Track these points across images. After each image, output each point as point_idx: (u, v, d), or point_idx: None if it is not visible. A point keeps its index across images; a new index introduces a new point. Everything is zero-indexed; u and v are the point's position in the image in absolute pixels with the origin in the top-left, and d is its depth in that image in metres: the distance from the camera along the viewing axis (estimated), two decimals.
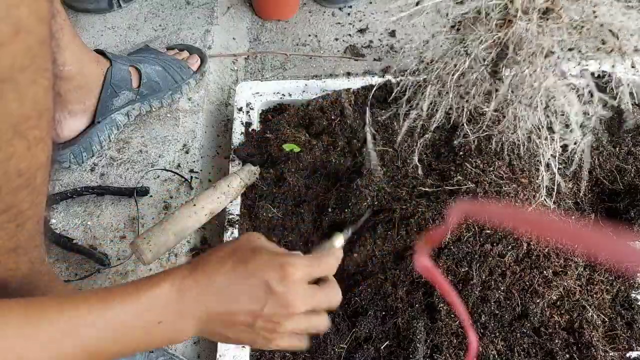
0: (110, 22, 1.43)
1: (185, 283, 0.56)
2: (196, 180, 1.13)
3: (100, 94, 1.11)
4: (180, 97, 1.24)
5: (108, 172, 1.14)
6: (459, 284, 0.86)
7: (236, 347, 0.86)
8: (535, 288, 0.84)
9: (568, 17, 0.67)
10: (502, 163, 0.92)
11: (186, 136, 1.19)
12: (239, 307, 0.56)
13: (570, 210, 0.94)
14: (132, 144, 1.18)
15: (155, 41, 1.37)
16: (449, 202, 0.90)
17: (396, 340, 0.85)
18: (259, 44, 1.44)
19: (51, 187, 0.56)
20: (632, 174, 0.97)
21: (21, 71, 0.45)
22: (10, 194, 0.50)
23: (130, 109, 1.17)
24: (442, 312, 0.84)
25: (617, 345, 0.83)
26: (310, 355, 0.87)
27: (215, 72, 1.32)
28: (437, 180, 0.94)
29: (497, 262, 0.85)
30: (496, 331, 0.84)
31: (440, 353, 0.82)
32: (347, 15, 1.47)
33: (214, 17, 1.42)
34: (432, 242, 0.53)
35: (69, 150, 1.11)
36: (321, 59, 1.37)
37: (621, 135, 1.02)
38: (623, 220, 0.94)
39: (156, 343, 0.56)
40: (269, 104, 1.19)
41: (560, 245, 0.86)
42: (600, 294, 0.86)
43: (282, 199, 1.00)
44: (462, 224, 0.87)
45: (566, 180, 0.95)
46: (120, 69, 1.13)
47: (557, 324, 0.83)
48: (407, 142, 1.00)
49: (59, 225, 1.07)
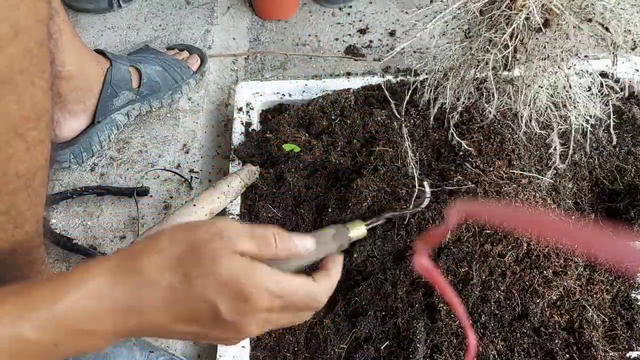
0: (110, 22, 1.43)
1: (104, 291, 0.45)
2: (196, 180, 1.13)
3: (100, 94, 1.11)
4: (180, 97, 1.24)
5: (108, 172, 1.14)
6: (459, 284, 0.85)
7: (236, 347, 0.86)
8: (535, 288, 0.84)
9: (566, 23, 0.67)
10: (502, 163, 0.92)
11: (186, 136, 1.19)
12: (176, 329, 0.47)
13: (570, 210, 0.93)
14: (132, 144, 1.18)
15: (155, 41, 1.37)
16: (449, 202, 0.90)
17: (396, 340, 0.85)
18: (259, 44, 1.44)
19: (51, 187, 0.55)
20: (632, 174, 0.97)
21: (20, 72, 0.45)
22: (9, 195, 0.50)
23: (130, 109, 1.17)
24: (442, 312, 0.84)
25: (617, 345, 0.83)
26: (310, 355, 0.87)
27: (215, 72, 1.32)
28: (437, 180, 0.94)
29: (497, 262, 0.85)
30: (496, 331, 0.83)
31: (440, 353, 0.82)
32: (347, 15, 1.47)
33: (214, 17, 1.42)
34: (432, 242, 0.53)
35: (69, 150, 1.11)
36: (321, 59, 1.37)
37: (621, 135, 1.02)
38: (623, 220, 0.94)
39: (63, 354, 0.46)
40: (269, 104, 1.19)
41: (560, 245, 0.86)
42: (600, 294, 0.86)
43: (282, 199, 1.00)
44: (462, 224, 0.87)
45: (566, 180, 0.95)
46: (120, 69, 1.13)
47: (557, 324, 0.83)
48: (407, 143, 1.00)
49: (59, 225, 1.07)
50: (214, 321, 0.46)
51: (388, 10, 1.46)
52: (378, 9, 1.47)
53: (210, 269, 0.45)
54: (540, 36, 0.70)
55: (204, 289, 0.45)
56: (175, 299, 0.45)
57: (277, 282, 0.47)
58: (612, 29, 0.67)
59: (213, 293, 0.45)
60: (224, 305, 0.45)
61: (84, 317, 0.44)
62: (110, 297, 0.44)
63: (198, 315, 0.46)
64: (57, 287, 0.44)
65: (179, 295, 0.45)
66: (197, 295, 0.45)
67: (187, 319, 0.46)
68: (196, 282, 0.44)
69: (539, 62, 0.71)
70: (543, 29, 0.70)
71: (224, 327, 0.46)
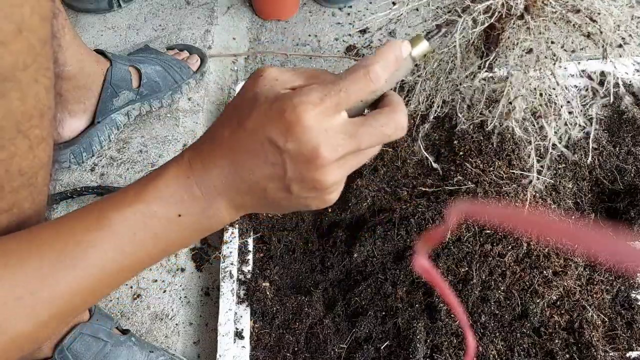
0: (110, 22, 1.43)
1: (192, 165, 0.47)
2: None
3: (100, 94, 1.11)
4: (180, 97, 1.24)
5: (108, 172, 1.14)
6: (459, 284, 0.86)
7: (236, 347, 0.86)
8: (535, 288, 0.84)
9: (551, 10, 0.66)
10: (502, 163, 0.92)
11: (186, 136, 1.19)
12: (258, 177, 0.46)
13: (570, 210, 0.94)
14: (132, 144, 1.18)
15: (155, 41, 1.37)
16: (449, 202, 0.90)
17: (396, 340, 0.85)
18: (259, 44, 1.44)
19: (51, 187, 0.55)
20: (632, 174, 0.98)
21: (23, 70, 0.45)
22: (11, 193, 0.50)
23: (130, 109, 1.17)
24: (442, 312, 0.84)
25: (617, 345, 0.83)
26: (310, 355, 0.87)
27: (215, 72, 1.32)
28: (437, 180, 0.94)
29: (497, 262, 0.85)
30: (496, 331, 0.84)
31: (440, 353, 0.82)
32: (347, 15, 1.47)
33: (214, 17, 1.42)
34: (432, 242, 0.53)
35: (69, 150, 1.11)
36: (321, 59, 1.38)
37: (621, 135, 1.02)
38: (623, 220, 0.94)
39: (190, 237, 0.49)
40: None
41: (560, 245, 0.86)
42: (600, 294, 0.86)
43: None
44: (462, 224, 0.87)
45: (566, 180, 0.95)
46: (120, 69, 1.13)
47: (557, 324, 0.83)
48: (407, 142, 1.00)
49: None
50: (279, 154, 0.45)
51: (388, 11, 1.47)
52: (378, 9, 1.47)
53: (256, 106, 0.45)
54: (523, 24, 0.67)
55: (254, 126, 0.45)
56: (238, 142, 0.46)
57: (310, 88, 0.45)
58: (601, 21, 0.65)
59: (262, 126, 0.45)
60: (273, 131, 0.44)
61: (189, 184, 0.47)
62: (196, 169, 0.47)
63: (262, 151, 0.45)
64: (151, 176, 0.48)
65: (238, 139, 0.46)
66: (252, 133, 0.45)
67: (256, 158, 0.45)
68: (246, 122, 0.45)
69: (521, 58, 0.69)
70: (525, 15, 0.67)
71: (292, 157, 0.44)
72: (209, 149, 0.47)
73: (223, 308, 0.88)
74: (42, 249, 0.44)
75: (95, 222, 0.45)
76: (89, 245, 0.45)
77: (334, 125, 0.44)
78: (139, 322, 0.95)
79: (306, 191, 0.46)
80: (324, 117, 0.44)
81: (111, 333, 0.83)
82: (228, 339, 0.86)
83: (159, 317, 0.96)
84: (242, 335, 0.87)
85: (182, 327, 0.95)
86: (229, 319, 0.88)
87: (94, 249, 0.45)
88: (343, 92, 0.44)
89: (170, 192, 0.47)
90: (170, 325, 0.95)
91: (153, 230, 0.46)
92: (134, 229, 0.46)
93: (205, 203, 0.47)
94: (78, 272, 0.44)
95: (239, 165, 0.46)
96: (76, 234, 0.45)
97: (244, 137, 0.45)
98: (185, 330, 0.95)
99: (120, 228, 0.45)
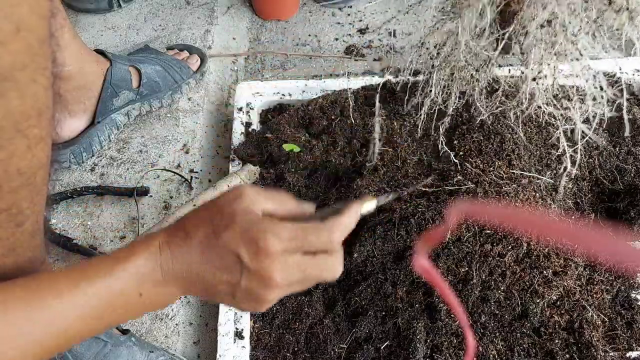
0: (110, 22, 1.43)
1: (162, 252, 0.54)
2: (196, 180, 1.13)
3: (100, 94, 1.11)
4: (180, 97, 1.24)
5: (108, 172, 1.14)
6: (459, 284, 0.86)
7: (236, 346, 0.86)
8: (535, 288, 0.84)
9: None
10: (502, 163, 0.92)
11: (186, 136, 1.19)
12: (216, 279, 0.54)
13: (570, 210, 0.93)
14: (132, 144, 1.18)
15: (155, 41, 1.37)
16: (449, 202, 0.90)
17: (396, 340, 0.85)
18: (259, 44, 1.44)
19: (51, 187, 0.55)
20: (632, 174, 0.97)
21: (22, 69, 0.44)
22: (10, 193, 0.50)
23: (130, 109, 1.17)
24: (442, 312, 0.84)
25: (617, 345, 0.83)
26: (310, 355, 0.87)
27: (215, 72, 1.32)
28: (437, 180, 0.94)
29: (497, 262, 0.85)
30: (496, 331, 0.83)
31: (440, 353, 0.82)
32: (347, 15, 1.47)
33: (214, 17, 1.42)
34: (432, 242, 0.53)
35: (69, 150, 1.11)
36: (321, 59, 1.38)
37: (621, 135, 1.02)
38: (623, 220, 0.94)
39: (141, 312, 0.56)
40: (269, 104, 1.19)
41: (560, 245, 0.86)
42: (600, 294, 0.86)
43: None
44: (462, 224, 0.87)
45: (566, 180, 0.95)
46: (120, 69, 1.13)
47: (557, 324, 0.83)
48: (407, 142, 1.00)
49: (59, 225, 1.06)
50: (240, 269, 0.53)
51: (388, 11, 1.47)
52: (378, 9, 1.47)
53: (232, 223, 0.53)
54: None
55: (228, 240, 0.53)
56: (209, 247, 0.54)
57: (284, 226, 0.54)
58: None
59: (235, 243, 0.53)
60: (243, 251, 0.53)
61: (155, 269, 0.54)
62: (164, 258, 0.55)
63: (227, 262, 0.53)
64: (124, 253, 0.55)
65: (211, 245, 0.54)
66: (224, 245, 0.53)
67: (220, 265, 0.54)
68: (222, 234, 0.53)
69: (540, 51, 0.68)
70: None
71: (250, 275, 0.53)
72: (181, 243, 0.55)
73: (223, 308, 0.89)
74: (16, 304, 0.49)
75: (67, 291, 0.51)
76: (57, 310, 0.50)
77: (291, 261, 0.54)
78: (139, 322, 0.95)
79: (247, 300, 0.56)
80: (286, 253, 0.54)
81: (111, 333, 0.83)
82: (228, 339, 0.86)
83: (159, 317, 0.96)
84: (242, 335, 0.87)
85: (182, 327, 0.95)
86: (229, 319, 0.88)
87: (60, 315, 0.50)
88: (306, 241, 0.55)
89: (140, 274, 0.54)
90: (170, 325, 0.95)
91: (116, 304, 0.53)
92: (98, 302, 0.52)
93: (163, 287, 0.55)
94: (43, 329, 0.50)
95: (204, 266, 0.54)
96: (47, 298, 0.50)
97: (216, 246, 0.54)
98: (185, 330, 0.95)
99: (89, 300, 0.51)
